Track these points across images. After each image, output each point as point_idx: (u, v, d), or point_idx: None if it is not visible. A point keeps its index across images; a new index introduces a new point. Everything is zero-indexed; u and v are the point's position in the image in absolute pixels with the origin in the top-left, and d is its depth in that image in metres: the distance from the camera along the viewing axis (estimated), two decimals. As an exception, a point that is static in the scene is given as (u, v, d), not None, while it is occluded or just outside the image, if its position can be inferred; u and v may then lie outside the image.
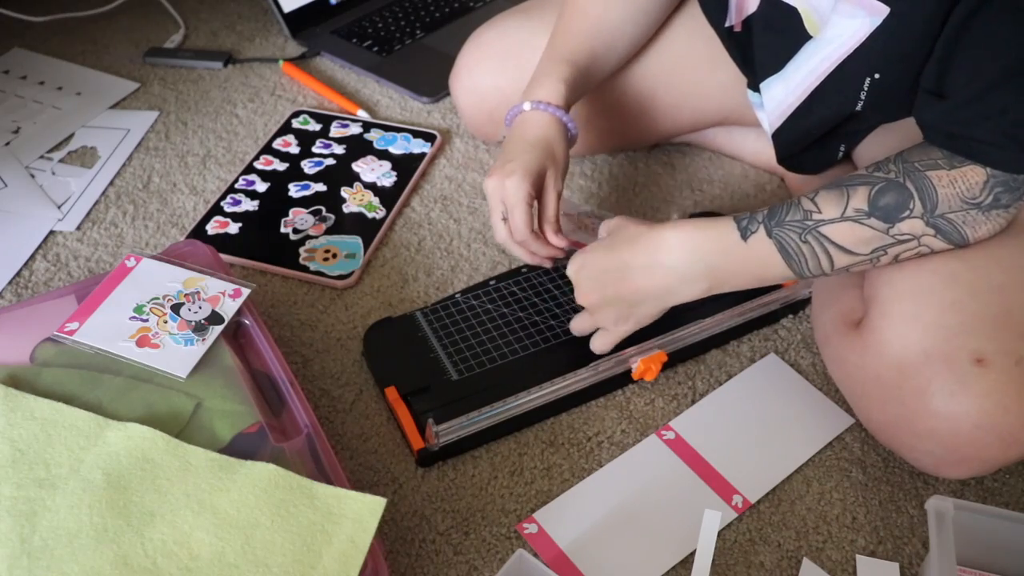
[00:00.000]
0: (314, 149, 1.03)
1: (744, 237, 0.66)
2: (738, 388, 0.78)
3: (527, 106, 0.78)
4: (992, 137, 0.59)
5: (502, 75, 0.93)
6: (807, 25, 0.71)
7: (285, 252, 0.89)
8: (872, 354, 0.66)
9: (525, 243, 0.76)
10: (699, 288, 0.69)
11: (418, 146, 1.04)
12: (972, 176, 0.61)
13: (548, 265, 0.81)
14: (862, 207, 0.63)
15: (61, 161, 1.02)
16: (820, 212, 0.64)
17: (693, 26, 0.89)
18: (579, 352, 0.77)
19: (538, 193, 0.76)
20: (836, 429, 0.75)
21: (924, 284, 0.65)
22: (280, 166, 1.00)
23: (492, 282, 0.85)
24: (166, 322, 0.68)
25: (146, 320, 0.68)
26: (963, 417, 0.61)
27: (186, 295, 0.70)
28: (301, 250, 0.89)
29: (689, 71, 0.91)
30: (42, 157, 1.02)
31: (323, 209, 0.94)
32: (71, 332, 0.67)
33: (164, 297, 0.70)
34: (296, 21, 1.23)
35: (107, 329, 0.67)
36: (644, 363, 0.75)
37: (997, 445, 0.61)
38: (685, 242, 0.68)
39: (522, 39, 0.92)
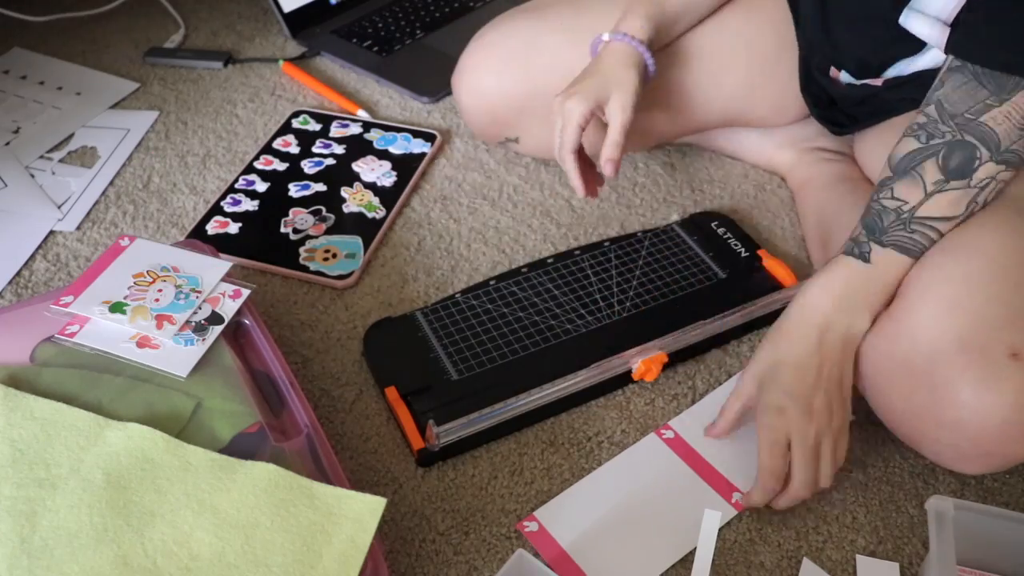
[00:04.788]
0: (314, 149, 1.03)
1: (866, 260, 0.68)
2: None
3: (606, 36, 0.82)
4: None
5: (505, 76, 0.92)
6: None
7: (285, 252, 0.89)
8: (905, 338, 0.65)
9: (566, 159, 0.80)
10: (865, 323, 0.68)
11: (418, 146, 1.04)
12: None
13: (592, 195, 0.83)
14: (938, 178, 0.65)
15: (61, 161, 1.02)
16: (907, 202, 0.66)
17: (702, 32, 0.89)
18: (579, 352, 0.77)
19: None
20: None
21: (969, 272, 0.64)
22: (280, 166, 1.00)
23: (492, 282, 0.85)
24: (166, 322, 0.68)
25: (146, 320, 0.68)
26: (993, 410, 0.61)
27: (186, 295, 0.70)
28: (301, 250, 0.89)
29: (696, 77, 0.91)
30: (42, 157, 1.02)
31: (323, 209, 0.94)
32: (72, 334, 0.67)
33: (164, 297, 0.70)
34: (296, 21, 1.23)
35: (107, 329, 0.67)
36: (645, 364, 0.75)
37: (1023, 441, 0.61)
38: (824, 296, 0.69)
39: (526, 40, 0.92)
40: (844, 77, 0.83)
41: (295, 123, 1.07)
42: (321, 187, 0.97)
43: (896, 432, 0.70)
